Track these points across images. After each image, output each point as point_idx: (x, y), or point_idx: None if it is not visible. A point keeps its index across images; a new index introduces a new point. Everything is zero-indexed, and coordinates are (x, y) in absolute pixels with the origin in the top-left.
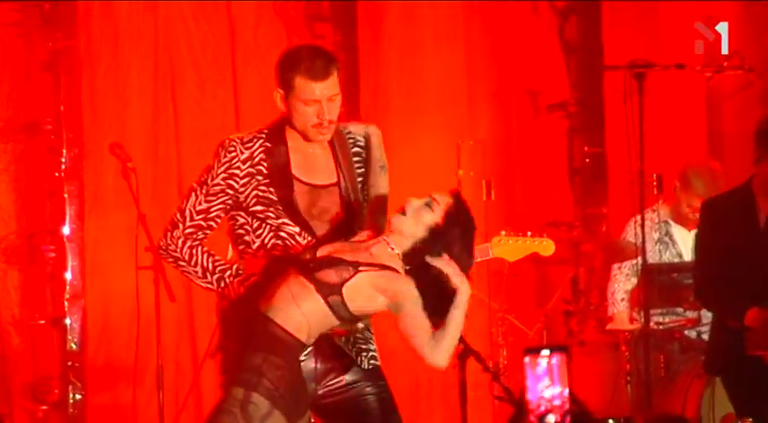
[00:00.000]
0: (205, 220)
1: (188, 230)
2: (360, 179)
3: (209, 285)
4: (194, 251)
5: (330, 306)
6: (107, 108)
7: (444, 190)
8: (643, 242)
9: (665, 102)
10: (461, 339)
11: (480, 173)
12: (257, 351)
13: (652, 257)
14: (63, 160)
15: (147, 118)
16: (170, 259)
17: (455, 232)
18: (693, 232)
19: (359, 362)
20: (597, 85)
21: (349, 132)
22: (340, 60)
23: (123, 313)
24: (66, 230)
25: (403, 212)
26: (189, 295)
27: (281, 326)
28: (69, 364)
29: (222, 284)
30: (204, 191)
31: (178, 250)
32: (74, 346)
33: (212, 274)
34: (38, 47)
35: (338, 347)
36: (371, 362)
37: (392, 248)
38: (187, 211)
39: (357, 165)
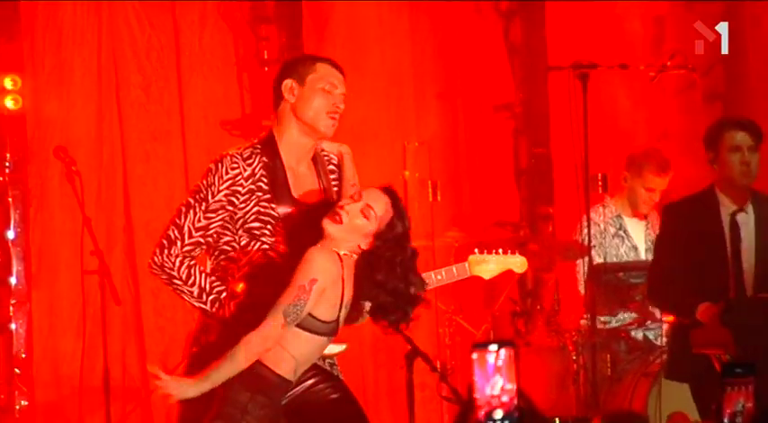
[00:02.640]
0: (204, 237)
1: (186, 248)
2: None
3: (203, 305)
4: (192, 271)
5: (308, 329)
6: (51, 111)
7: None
8: (589, 242)
9: (610, 102)
10: (409, 341)
11: (426, 174)
12: (244, 389)
13: (609, 252)
14: (7, 164)
15: (91, 121)
16: (164, 277)
17: (391, 244)
18: (644, 223)
19: (318, 363)
20: (542, 85)
21: (323, 150)
22: (286, 62)
23: (69, 318)
24: (10, 235)
25: (337, 218)
26: (136, 299)
27: (271, 368)
28: (15, 369)
29: (217, 305)
30: (204, 207)
31: (175, 269)
32: (22, 354)
33: (209, 294)
34: None
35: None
36: (335, 368)
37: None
38: (186, 228)
39: (334, 183)
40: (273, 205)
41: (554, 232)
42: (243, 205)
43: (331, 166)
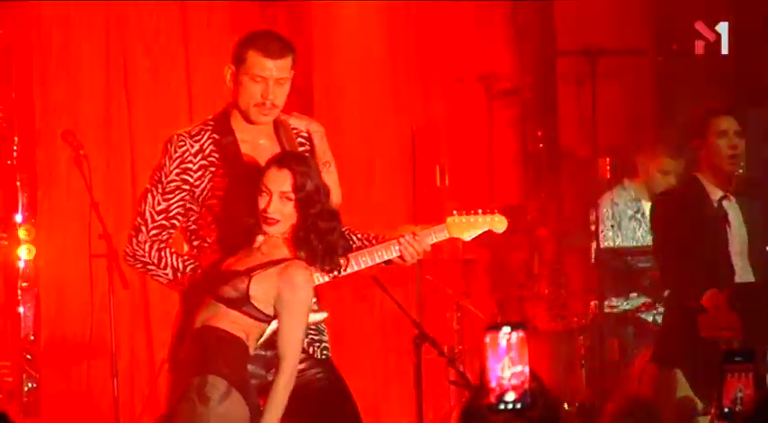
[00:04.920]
0: (167, 219)
1: (152, 232)
2: None
3: (182, 287)
4: (162, 253)
5: (251, 316)
6: (59, 95)
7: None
8: (597, 225)
9: (619, 86)
10: (417, 325)
11: (434, 158)
12: (208, 348)
13: (626, 234)
14: (15, 148)
15: (99, 105)
16: (138, 265)
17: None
18: None
19: (311, 352)
20: (550, 70)
21: (290, 124)
22: (294, 44)
23: (77, 301)
24: (18, 218)
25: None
26: (143, 282)
27: (226, 330)
28: (23, 352)
29: (193, 283)
30: (160, 190)
31: (146, 255)
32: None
33: (183, 273)
34: None
35: None
36: (324, 353)
37: (276, 237)
38: (147, 214)
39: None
40: (227, 180)
41: (562, 217)
42: (198, 182)
43: (300, 139)
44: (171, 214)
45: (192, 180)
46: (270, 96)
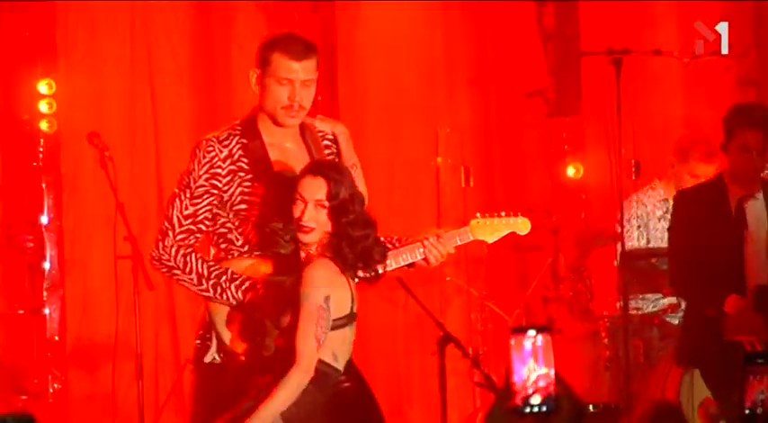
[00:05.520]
0: (194, 223)
1: (179, 237)
2: None
3: (206, 293)
4: (188, 258)
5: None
6: (84, 97)
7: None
8: (622, 227)
9: (643, 88)
10: (441, 326)
11: (459, 160)
12: None
13: (654, 235)
14: (40, 150)
15: (124, 107)
16: (164, 269)
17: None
18: None
19: None
20: (575, 71)
21: (315, 127)
22: (318, 45)
23: (102, 303)
24: (44, 220)
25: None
26: (169, 284)
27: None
28: (49, 354)
29: (219, 290)
30: (188, 194)
31: (172, 259)
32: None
33: (208, 279)
34: (15, 36)
35: None
36: None
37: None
38: (175, 218)
39: (330, 158)
40: (256, 184)
41: (586, 218)
42: (227, 188)
43: (326, 142)
44: (198, 219)
45: (220, 185)
46: (297, 98)
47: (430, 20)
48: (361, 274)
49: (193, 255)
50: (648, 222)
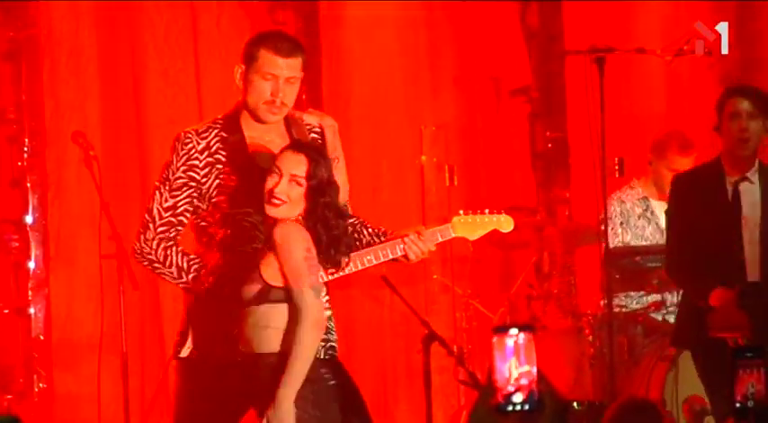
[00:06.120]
0: (174, 216)
1: (160, 229)
2: None
3: (186, 286)
4: (168, 252)
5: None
6: (69, 97)
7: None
8: (605, 226)
9: (626, 86)
10: (426, 324)
11: (443, 158)
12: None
13: (635, 233)
14: (25, 149)
15: (109, 106)
16: (145, 263)
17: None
18: None
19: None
20: (559, 70)
21: (303, 120)
22: (302, 46)
23: (88, 302)
24: (29, 220)
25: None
26: (154, 283)
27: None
28: (36, 355)
29: (198, 283)
30: (167, 187)
31: (153, 253)
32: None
33: (187, 273)
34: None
35: None
36: (329, 352)
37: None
38: (155, 211)
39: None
40: (233, 177)
41: (571, 216)
42: (204, 179)
43: (313, 135)
44: (178, 211)
45: (198, 177)
46: (280, 94)
47: (414, 19)
48: (327, 277)
49: (174, 248)
50: (629, 220)
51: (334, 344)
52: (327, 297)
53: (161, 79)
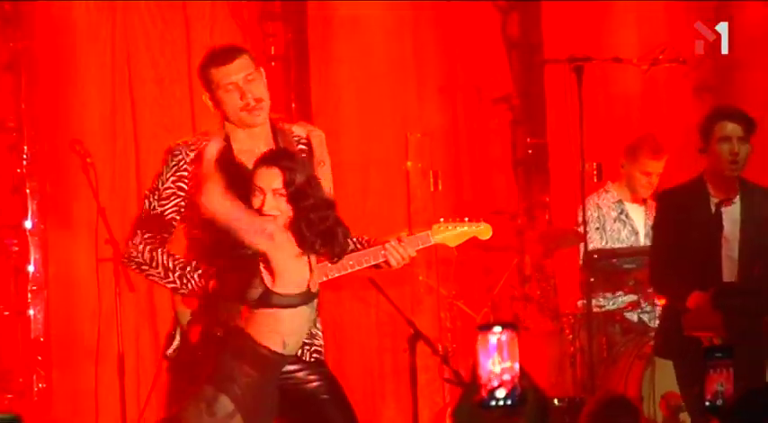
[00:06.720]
0: (161, 223)
1: (146, 235)
2: None
3: (173, 285)
4: (154, 254)
5: (278, 305)
6: (67, 106)
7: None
8: (584, 229)
9: (604, 94)
10: (412, 324)
11: (428, 164)
12: (232, 357)
13: (611, 236)
14: (25, 157)
15: (105, 115)
16: (133, 266)
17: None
18: (644, 208)
19: (299, 354)
20: (538, 78)
21: (292, 132)
22: (291, 56)
23: (85, 304)
24: (28, 225)
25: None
26: (150, 286)
27: (259, 341)
28: (33, 353)
29: (185, 281)
30: (156, 196)
31: (139, 255)
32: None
33: (173, 272)
34: None
35: None
36: (314, 355)
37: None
38: (143, 218)
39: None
40: (222, 185)
41: (551, 220)
42: (193, 191)
43: (300, 146)
44: (166, 219)
45: (186, 188)
46: (248, 95)
47: (400, 30)
48: (319, 250)
49: (159, 250)
50: (605, 224)
51: (318, 347)
52: (316, 301)
53: (156, 88)
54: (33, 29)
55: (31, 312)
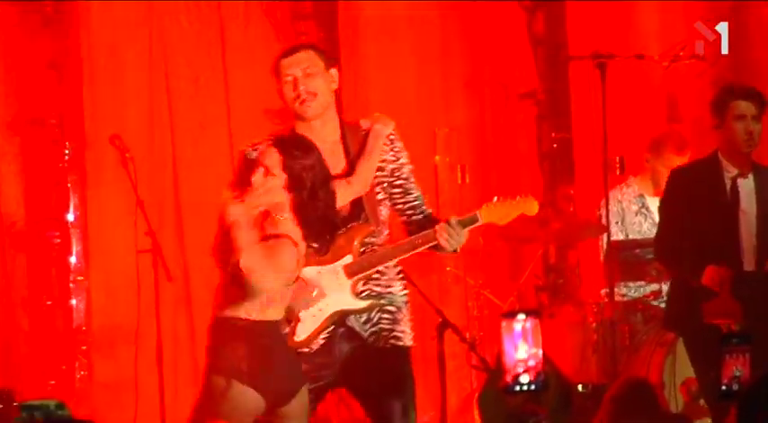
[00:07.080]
0: None
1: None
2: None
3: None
4: None
5: None
6: (106, 102)
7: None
8: (607, 220)
9: (627, 89)
10: (440, 313)
11: (456, 158)
12: (226, 342)
13: (632, 229)
14: (66, 152)
15: (143, 111)
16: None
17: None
18: None
19: (372, 340)
20: (563, 75)
21: (360, 126)
22: (311, 44)
23: (125, 294)
24: (70, 217)
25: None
26: (186, 275)
27: (240, 317)
28: (75, 342)
29: None
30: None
31: None
32: (83, 327)
33: None
34: (42, 46)
35: (350, 328)
36: (390, 341)
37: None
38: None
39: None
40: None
41: (575, 211)
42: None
43: (362, 138)
44: None
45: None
46: (300, 87)
47: (428, 29)
48: (315, 245)
49: None
50: (625, 217)
51: (398, 334)
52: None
53: (191, 86)
54: (74, 29)
55: (73, 302)
